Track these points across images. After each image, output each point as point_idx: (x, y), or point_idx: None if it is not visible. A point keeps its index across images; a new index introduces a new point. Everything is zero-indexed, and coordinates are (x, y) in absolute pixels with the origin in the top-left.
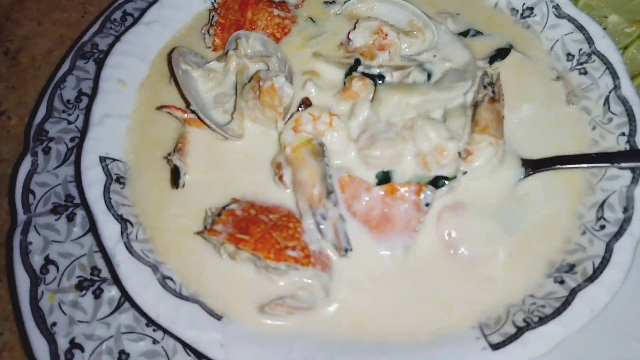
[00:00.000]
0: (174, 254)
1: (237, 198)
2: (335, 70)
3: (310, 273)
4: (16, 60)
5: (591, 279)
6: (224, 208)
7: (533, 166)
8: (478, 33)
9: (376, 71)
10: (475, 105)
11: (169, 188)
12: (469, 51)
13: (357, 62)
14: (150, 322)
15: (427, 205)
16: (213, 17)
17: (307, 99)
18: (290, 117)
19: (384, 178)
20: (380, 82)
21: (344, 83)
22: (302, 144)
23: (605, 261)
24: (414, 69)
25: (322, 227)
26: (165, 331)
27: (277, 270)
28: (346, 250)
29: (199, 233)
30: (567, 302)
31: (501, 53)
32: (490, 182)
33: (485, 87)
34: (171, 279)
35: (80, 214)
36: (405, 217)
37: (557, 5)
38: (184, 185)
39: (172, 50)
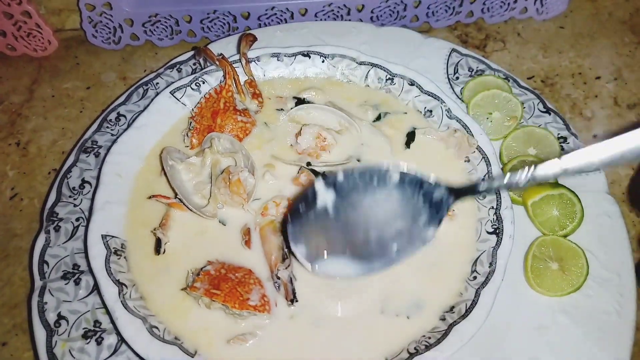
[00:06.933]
0: (165, 307)
1: (211, 260)
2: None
3: (266, 316)
4: (26, 150)
5: (463, 316)
6: (201, 269)
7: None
8: (387, 113)
9: (322, 170)
10: None
11: (157, 256)
12: (387, 139)
13: (309, 164)
14: None
15: None
16: (191, 123)
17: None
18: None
19: None
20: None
21: (297, 172)
22: (267, 224)
23: (474, 303)
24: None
25: (276, 284)
26: None
27: (241, 315)
28: (292, 301)
29: (184, 289)
30: (445, 334)
31: (410, 136)
32: None
33: None
34: (157, 328)
35: (84, 278)
36: None
37: (449, 109)
38: (164, 252)
39: (162, 151)
